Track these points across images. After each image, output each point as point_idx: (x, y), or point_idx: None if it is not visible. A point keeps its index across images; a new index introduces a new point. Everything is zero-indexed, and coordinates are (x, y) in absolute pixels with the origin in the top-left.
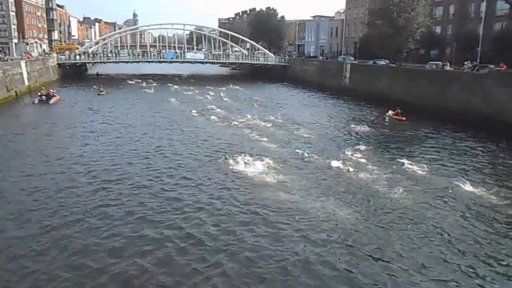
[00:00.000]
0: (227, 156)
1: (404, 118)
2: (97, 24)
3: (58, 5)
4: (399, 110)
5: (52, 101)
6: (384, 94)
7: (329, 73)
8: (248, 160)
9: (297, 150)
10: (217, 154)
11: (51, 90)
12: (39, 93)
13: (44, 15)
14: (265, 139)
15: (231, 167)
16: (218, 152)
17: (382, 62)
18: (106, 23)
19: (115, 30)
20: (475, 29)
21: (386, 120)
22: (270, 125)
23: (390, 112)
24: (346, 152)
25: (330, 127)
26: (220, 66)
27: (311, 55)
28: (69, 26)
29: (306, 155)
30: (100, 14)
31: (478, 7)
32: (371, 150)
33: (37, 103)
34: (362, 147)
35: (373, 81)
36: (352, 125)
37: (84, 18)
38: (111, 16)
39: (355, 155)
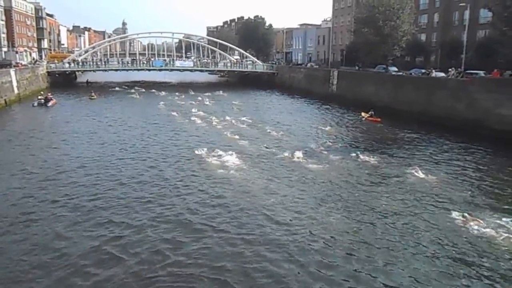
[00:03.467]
0: (202, 151)
1: (379, 119)
2: (86, 32)
3: (47, 14)
4: (372, 112)
5: (49, 104)
6: (371, 101)
7: (316, 80)
8: (222, 156)
9: (270, 149)
10: (195, 151)
11: (48, 94)
12: (38, 97)
13: (34, 24)
14: (242, 139)
15: (206, 161)
16: (196, 149)
17: (394, 68)
18: (95, 31)
19: (104, 38)
20: (459, 37)
21: (361, 122)
22: (248, 127)
23: (364, 114)
24: (316, 150)
25: (307, 129)
26: (209, 73)
27: (299, 62)
28: (58, 34)
29: (278, 152)
30: (90, 23)
31: (462, 15)
32: (341, 148)
33: (36, 106)
34: (330, 144)
35: (360, 87)
36: (328, 127)
37: (73, 26)
38: (100, 24)
39: (323, 152)
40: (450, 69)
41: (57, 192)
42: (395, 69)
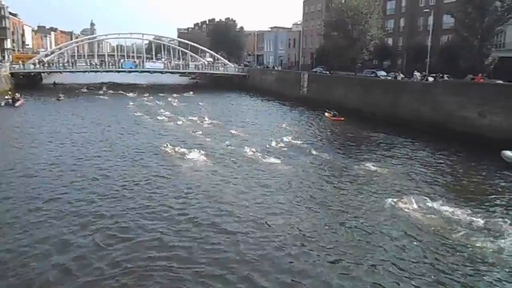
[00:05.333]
0: (167, 146)
1: (342, 118)
2: (52, 33)
3: (11, 13)
4: (335, 112)
5: (17, 104)
6: (341, 103)
7: (287, 83)
8: (185, 153)
9: (234, 147)
10: (160, 149)
11: (16, 94)
12: (6, 97)
13: None
14: (207, 138)
15: (170, 158)
16: (161, 147)
17: (383, 73)
18: (62, 32)
19: (71, 39)
20: (424, 41)
21: (326, 122)
22: (215, 127)
23: (327, 114)
24: (279, 148)
25: (273, 129)
26: (180, 76)
27: (271, 65)
28: (22, 35)
29: (241, 151)
30: (56, 23)
31: (426, 21)
32: (304, 146)
33: (4, 105)
34: (293, 142)
35: (330, 90)
36: (294, 127)
37: (38, 26)
38: (67, 25)
39: (286, 150)
40: (415, 73)
41: (25, 190)
42: (384, 73)
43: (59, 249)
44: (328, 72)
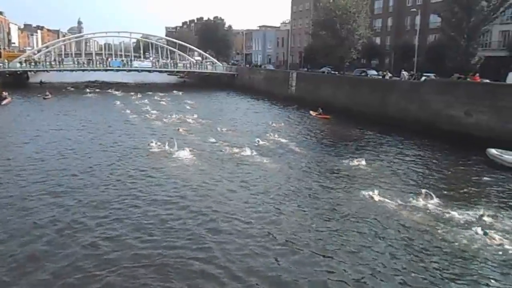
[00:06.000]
0: (153, 143)
1: (328, 116)
2: (39, 31)
3: None
4: (321, 110)
5: (4, 102)
6: (329, 102)
7: (276, 82)
8: (170, 150)
9: (219, 145)
10: (146, 146)
11: (3, 92)
12: None
13: None
14: (191, 135)
15: (156, 154)
16: (147, 144)
17: (373, 72)
18: (49, 30)
19: (58, 37)
20: (411, 41)
21: (313, 120)
22: (202, 126)
23: (312, 112)
24: (265, 146)
25: (260, 127)
26: (168, 74)
27: (259, 64)
28: (8, 33)
29: (227, 148)
30: (43, 21)
31: (414, 20)
32: (289, 143)
33: None
34: (280, 140)
35: (318, 89)
36: (280, 125)
37: (25, 25)
38: (54, 23)
39: (272, 147)
40: (402, 72)
41: (11, 188)
42: (375, 72)
43: (38, 251)
44: (337, 72)
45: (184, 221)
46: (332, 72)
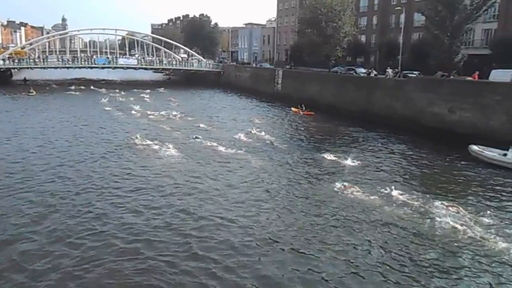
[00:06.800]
0: (136, 139)
1: (312, 113)
2: (22, 28)
3: None
4: (303, 107)
5: None
6: (315, 100)
7: (262, 79)
8: (154, 145)
9: (203, 141)
10: (129, 142)
11: None
12: None
13: None
14: (175, 132)
15: (139, 150)
16: (130, 139)
17: (362, 70)
18: (32, 27)
19: (42, 34)
20: (396, 39)
21: (295, 116)
22: (183, 121)
23: (293, 109)
24: (247, 142)
25: (242, 123)
26: (154, 72)
27: (245, 61)
28: None
29: (210, 144)
30: (26, 18)
31: (398, 18)
32: (271, 139)
33: None
34: (264, 136)
35: (304, 87)
36: (265, 121)
37: (8, 21)
38: (38, 20)
39: (255, 144)
40: (387, 70)
41: None
42: (363, 70)
43: (17, 244)
44: (350, 72)
45: (165, 216)
46: (349, 72)
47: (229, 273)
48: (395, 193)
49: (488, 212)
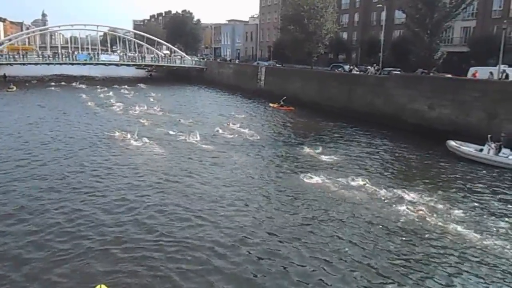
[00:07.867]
0: (115, 133)
1: (292, 108)
2: (1, 23)
3: None
4: (282, 102)
5: None
6: (297, 96)
7: (245, 76)
8: (134, 141)
9: (184, 138)
10: (108, 137)
11: None
12: None
13: None
14: (154, 126)
15: (119, 145)
16: (110, 134)
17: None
18: (11, 22)
19: (22, 30)
20: (377, 36)
21: (275, 111)
22: (162, 116)
23: (271, 104)
24: (229, 138)
25: (221, 118)
26: (136, 68)
27: (228, 58)
28: None
29: (190, 140)
30: (5, 13)
31: (379, 16)
32: (251, 134)
33: None
34: (246, 131)
35: (287, 83)
36: (243, 116)
37: None
38: (17, 15)
39: (237, 140)
40: (368, 67)
41: None
42: (351, 67)
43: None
44: (338, 69)
45: (138, 213)
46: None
47: (201, 272)
48: (371, 187)
49: (462, 203)
